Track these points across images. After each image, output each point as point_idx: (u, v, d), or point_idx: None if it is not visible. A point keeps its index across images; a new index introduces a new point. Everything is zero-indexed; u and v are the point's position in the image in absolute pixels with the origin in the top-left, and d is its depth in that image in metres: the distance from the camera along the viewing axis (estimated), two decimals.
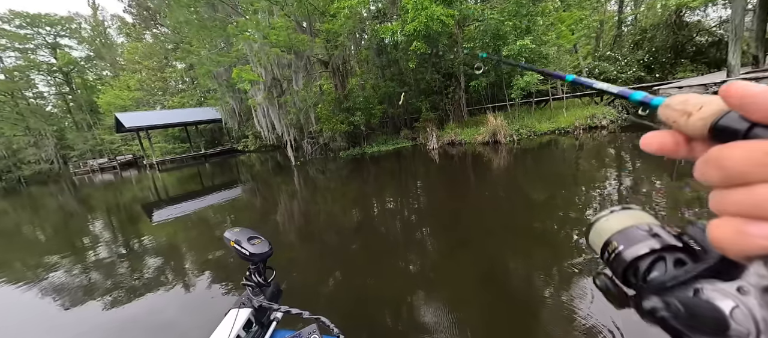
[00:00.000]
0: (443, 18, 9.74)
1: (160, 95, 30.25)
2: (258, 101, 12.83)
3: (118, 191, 15.26)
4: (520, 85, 10.15)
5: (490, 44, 10.54)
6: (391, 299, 2.89)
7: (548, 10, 9.84)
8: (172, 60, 28.90)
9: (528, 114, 12.21)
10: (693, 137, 0.23)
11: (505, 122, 10.59)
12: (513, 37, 9.98)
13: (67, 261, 5.22)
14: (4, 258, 6.28)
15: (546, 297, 2.60)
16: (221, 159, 22.72)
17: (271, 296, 1.28)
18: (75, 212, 11.00)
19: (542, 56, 10.49)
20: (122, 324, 3.07)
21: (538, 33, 9.98)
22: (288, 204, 7.72)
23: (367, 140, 14.30)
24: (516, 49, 9.61)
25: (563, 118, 10.94)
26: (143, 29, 32.32)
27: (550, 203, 4.93)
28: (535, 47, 9.69)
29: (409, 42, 10.97)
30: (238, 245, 1.22)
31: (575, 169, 6.52)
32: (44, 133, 31.44)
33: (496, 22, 9.79)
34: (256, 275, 1.24)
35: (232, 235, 1.27)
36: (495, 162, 8.41)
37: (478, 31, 10.75)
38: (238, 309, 1.19)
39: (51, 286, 4.20)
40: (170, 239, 5.85)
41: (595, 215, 0.35)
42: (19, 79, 32.18)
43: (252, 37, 11.14)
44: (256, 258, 1.22)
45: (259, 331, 1.20)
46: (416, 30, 9.78)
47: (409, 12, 9.80)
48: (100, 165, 29.08)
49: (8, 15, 30.75)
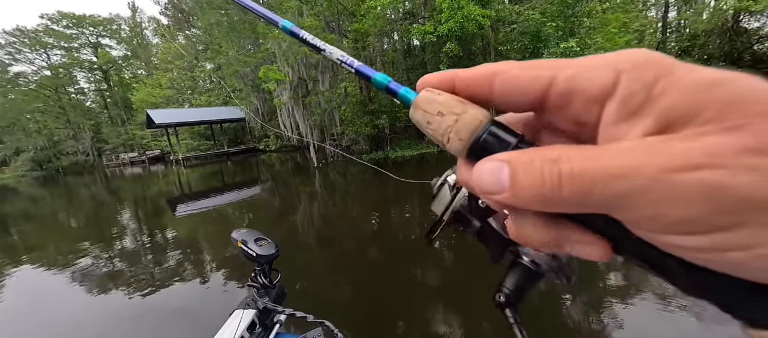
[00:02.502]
0: (479, 18, 9.22)
1: (189, 93, 31.36)
2: (284, 101, 12.75)
3: (145, 184, 15.66)
4: None
5: (529, 47, 9.90)
6: (405, 311, 2.74)
7: (595, 11, 9.09)
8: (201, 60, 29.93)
9: None
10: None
11: None
12: (555, 39, 9.30)
13: (95, 248, 5.49)
14: (40, 241, 6.70)
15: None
16: (243, 158, 23.03)
17: (275, 298, 1.27)
18: (106, 203, 11.40)
19: None
20: (140, 309, 3.25)
21: (582, 35, 9.25)
22: (307, 206, 7.49)
23: (390, 144, 13.89)
24: (558, 53, 8.92)
25: None
26: (177, 30, 33.78)
27: None
28: (579, 51, 8.97)
29: (441, 44, 10.50)
30: (245, 245, 1.23)
31: None
32: (82, 126, 33.37)
33: (536, 23, 9.15)
34: (261, 276, 1.25)
35: (239, 235, 1.28)
36: None
37: (514, 33, 10.13)
38: (243, 310, 1.19)
39: (78, 270, 4.45)
40: (190, 233, 6.01)
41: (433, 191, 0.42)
42: (63, 76, 34.46)
43: (281, 36, 11.07)
44: (262, 259, 1.22)
45: (262, 333, 1.20)
46: (451, 31, 9.31)
47: (443, 12, 9.35)
48: (131, 159, 30.41)
49: (57, 16, 33.05)
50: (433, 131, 0.19)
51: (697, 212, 0.11)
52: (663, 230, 0.12)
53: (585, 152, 0.14)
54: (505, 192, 0.15)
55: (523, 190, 0.15)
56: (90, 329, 3.06)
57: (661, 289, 2.56)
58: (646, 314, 2.36)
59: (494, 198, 0.16)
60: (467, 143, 0.18)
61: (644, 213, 0.12)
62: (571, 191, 0.13)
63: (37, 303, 3.72)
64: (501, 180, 0.15)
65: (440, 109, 0.18)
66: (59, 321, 3.23)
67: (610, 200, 0.13)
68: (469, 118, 0.18)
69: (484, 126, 0.17)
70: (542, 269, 0.37)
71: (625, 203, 0.12)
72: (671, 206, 0.12)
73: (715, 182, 0.11)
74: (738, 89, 0.12)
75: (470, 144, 0.18)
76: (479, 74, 0.18)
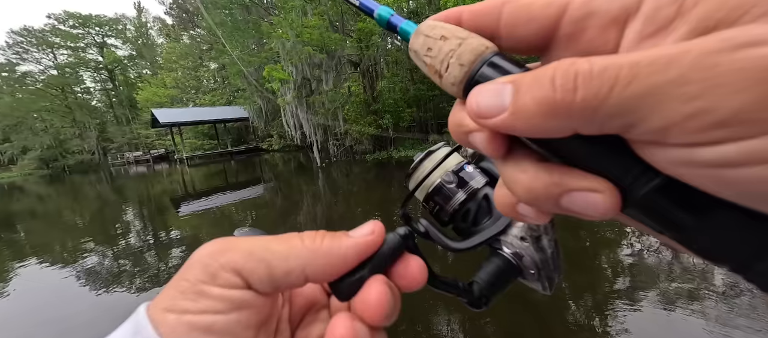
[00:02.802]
0: None
1: (193, 93, 31.54)
2: (287, 101, 12.74)
3: (150, 183, 15.74)
4: None
5: None
6: (407, 312, 2.55)
7: None
8: (206, 60, 30.08)
9: None
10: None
11: None
12: None
13: (100, 246, 5.50)
14: (45, 240, 6.72)
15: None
16: (246, 157, 23.11)
17: None
18: (111, 201, 11.45)
19: None
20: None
21: None
22: (310, 206, 7.47)
23: (393, 144, 13.83)
24: None
25: None
26: (181, 30, 33.99)
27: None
28: None
29: None
30: None
31: None
32: (88, 125, 33.68)
33: None
34: None
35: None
36: None
37: None
38: None
39: (83, 269, 4.50)
40: (194, 232, 6.05)
41: (412, 166, 0.38)
42: (69, 75, 34.80)
43: (285, 35, 11.05)
44: None
45: None
46: None
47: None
48: (136, 158, 30.63)
49: (63, 16, 33.38)
50: (431, 58, 0.17)
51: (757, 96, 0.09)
52: (698, 138, 0.10)
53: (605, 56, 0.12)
54: (504, 112, 0.13)
55: (526, 104, 0.13)
56: (94, 326, 3.05)
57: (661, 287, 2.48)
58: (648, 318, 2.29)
59: (489, 123, 0.14)
60: (468, 69, 0.16)
61: (682, 111, 0.10)
62: (585, 93, 0.11)
63: (40, 299, 3.78)
64: (502, 99, 0.13)
65: (444, 33, 0.17)
66: (64, 318, 3.28)
67: (635, 101, 0.10)
68: (475, 42, 0.16)
69: (490, 52, 0.16)
70: (524, 262, 0.31)
71: (655, 101, 0.10)
72: (720, 92, 0.09)
73: None
74: None
75: (471, 71, 0.16)
76: (488, 3, 0.17)
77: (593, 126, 0.12)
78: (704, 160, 0.10)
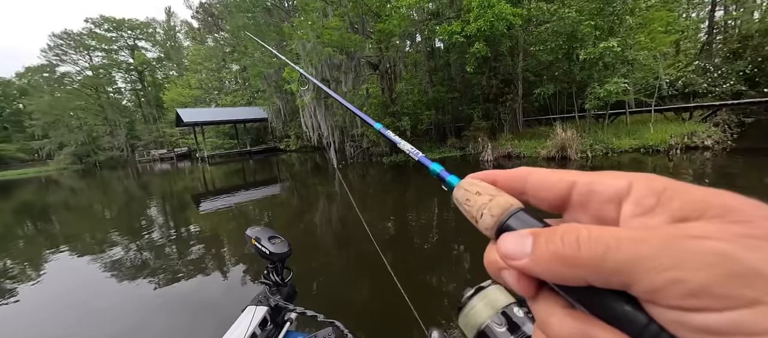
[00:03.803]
0: (510, 18, 8.79)
1: (216, 93, 32.56)
2: (306, 102, 12.81)
3: (173, 179, 16.25)
4: (598, 94, 8.73)
5: (564, 47, 9.33)
6: (419, 318, 2.51)
7: (639, 9, 8.41)
8: (228, 62, 31.01)
9: (600, 128, 10.66)
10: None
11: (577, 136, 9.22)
12: (592, 39, 8.70)
13: (126, 238, 5.84)
14: (76, 230, 7.19)
15: None
16: (264, 157, 23.51)
17: (287, 296, 1.28)
18: (137, 196, 11.94)
19: (627, 62, 9.01)
20: (163, 295, 3.47)
21: (625, 34, 8.59)
22: (326, 207, 7.45)
23: None
24: (597, 53, 8.32)
25: (650, 134, 9.28)
26: (206, 33, 35.25)
27: None
28: (619, 51, 8.33)
29: (468, 44, 10.15)
30: (259, 243, 1.24)
31: None
32: (118, 124, 35.45)
33: (572, 22, 8.60)
34: (273, 274, 1.26)
35: (254, 233, 1.28)
36: None
37: (547, 33, 9.59)
38: (255, 306, 1.20)
39: (110, 258, 4.77)
40: (213, 228, 6.21)
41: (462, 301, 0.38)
42: (102, 76, 36.81)
43: (306, 36, 11.11)
44: (275, 257, 1.22)
45: (273, 330, 1.21)
46: (480, 30, 8.92)
47: (472, 10, 9.00)
48: (161, 155, 31.91)
49: (99, 19, 35.39)
50: (469, 207, 0.22)
51: (713, 277, 0.12)
52: (682, 303, 0.13)
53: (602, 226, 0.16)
54: (526, 257, 0.17)
55: (543, 253, 0.16)
56: (117, 310, 3.24)
57: None
58: None
59: (515, 263, 0.18)
60: (498, 219, 0.20)
61: (661, 278, 0.13)
62: (588, 252, 0.15)
63: (69, 284, 4.06)
64: (523, 246, 0.17)
65: (479, 189, 0.22)
66: (90, 301, 3.52)
67: (625, 265, 0.14)
68: (503, 199, 0.20)
69: (516, 208, 0.20)
70: None
71: (640, 267, 0.13)
72: (686, 268, 0.12)
73: (727, 249, 0.12)
74: (731, 198, 0.14)
75: (501, 221, 0.20)
76: (517, 172, 0.22)
77: (600, 279, 0.15)
78: (694, 325, 0.12)
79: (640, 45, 8.87)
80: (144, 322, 2.97)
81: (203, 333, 2.69)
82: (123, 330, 2.83)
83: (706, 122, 10.49)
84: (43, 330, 3.01)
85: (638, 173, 0.18)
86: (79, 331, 2.91)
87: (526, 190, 0.21)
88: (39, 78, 36.10)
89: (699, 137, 8.43)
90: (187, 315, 3.08)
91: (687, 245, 0.13)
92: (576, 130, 9.48)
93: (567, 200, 0.19)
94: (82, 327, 2.98)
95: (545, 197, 0.20)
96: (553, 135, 9.60)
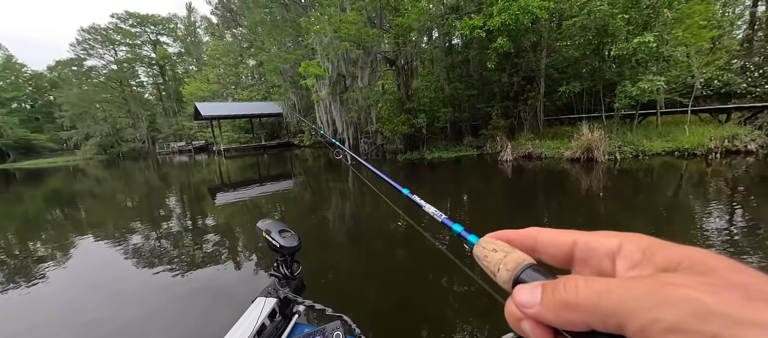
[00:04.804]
0: (537, 11, 8.37)
1: (233, 88, 33.13)
2: (322, 97, 12.74)
3: (191, 172, 16.60)
4: (630, 92, 8.19)
5: (593, 42, 8.82)
6: (429, 317, 2.68)
7: (678, 1, 7.81)
8: (245, 57, 31.46)
9: (628, 129, 10.07)
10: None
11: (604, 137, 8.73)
12: (624, 34, 8.18)
13: (145, 226, 6.09)
14: (100, 218, 7.52)
15: None
16: (278, 151, 23.72)
17: (295, 289, 1.30)
18: (157, 187, 12.23)
19: (663, 59, 8.43)
20: (182, 285, 3.56)
21: (661, 29, 8.02)
22: (340, 203, 7.36)
23: (426, 145, 13.34)
24: (630, 49, 7.80)
25: (685, 137, 8.68)
26: (225, 29, 35.87)
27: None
28: (655, 47, 7.78)
29: (489, 39, 9.76)
30: (269, 235, 1.26)
31: (729, 214, 4.54)
32: (140, 116, 36.66)
33: (603, 16, 8.09)
34: (283, 266, 1.28)
35: (264, 226, 1.31)
36: (593, 187, 6.77)
37: (575, 28, 9.09)
38: (265, 298, 1.22)
39: (130, 245, 4.97)
40: (227, 220, 6.40)
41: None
42: (126, 70, 38.12)
43: (323, 30, 11.01)
44: (285, 250, 1.24)
45: (282, 322, 1.24)
46: (504, 24, 8.54)
47: (496, 3, 8.63)
48: (179, 148, 32.82)
49: (124, 15, 36.59)
50: (487, 263, 0.26)
51: (683, 316, 0.15)
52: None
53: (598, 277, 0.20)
54: (537, 305, 0.21)
55: (550, 300, 0.20)
56: (137, 294, 3.41)
57: None
58: None
59: (528, 311, 0.21)
60: (512, 273, 0.23)
61: (646, 317, 0.16)
62: (585, 298, 0.18)
63: (92, 268, 4.30)
64: (535, 296, 0.21)
65: (495, 246, 0.26)
66: (111, 283, 3.76)
67: (617, 307, 0.17)
68: (516, 256, 0.24)
69: (527, 263, 0.24)
70: None
71: (629, 308, 0.16)
72: (663, 309, 0.16)
73: (692, 294, 0.16)
74: (701, 254, 0.18)
75: (515, 275, 0.23)
76: (528, 231, 0.26)
77: (598, 321, 0.18)
78: None
79: (677, 40, 8.27)
80: (162, 307, 3.12)
81: (217, 319, 2.82)
82: (144, 314, 3.00)
83: (746, 124, 9.74)
84: (71, 309, 3.17)
85: (626, 233, 0.22)
86: (108, 315, 3.03)
87: (536, 247, 0.25)
88: (68, 71, 37.73)
89: (741, 141, 7.79)
90: (202, 301, 3.19)
91: (664, 291, 0.16)
92: (603, 130, 8.97)
93: (571, 255, 0.23)
94: (109, 310, 3.13)
95: (554, 253, 0.24)
96: (578, 135, 9.13)
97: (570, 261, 0.24)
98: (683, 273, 0.17)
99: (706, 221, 4.22)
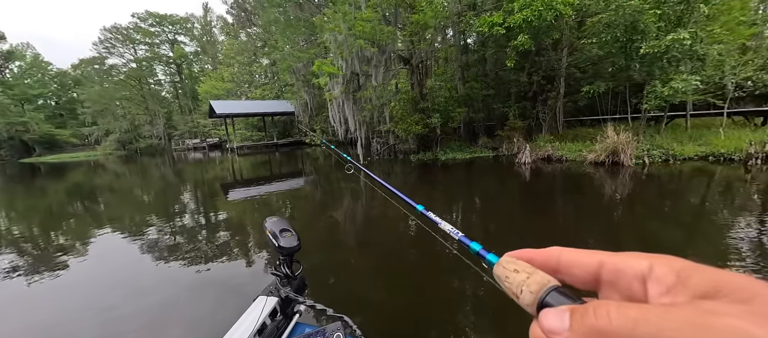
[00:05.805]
0: (560, 7, 7.99)
1: (246, 87, 33.55)
2: (335, 95, 12.63)
3: (205, 168, 16.84)
4: (661, 93, 7.70)
5: (621, 39, 8.37)
6: (432, 319, 2.65)
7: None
8: (259, 56, 31.79)
9: (656, 131, 9.53)
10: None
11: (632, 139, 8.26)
12: (655, 30, 7.71)
13: (161, 221, 6.25)
14: (119, 212, 7.69)
15: None
16: (290, 150, 23.84)
17: (296, 289, 1.28)
18: (173, 183, 12.46)
19: (697, 58, 7.91)
20: (194, 277, 3.70)
21: (695, 25, 7.52)
22: (351, 202, 7.26)
23: (439, 145, 13.06)
24: (662, 46, 7.35)
25: (720, 140, 8.13)
26: (240, 28, 36.37)
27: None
28: (690, 44, 7.30)
29: (508, 37, 9.41)
30: (272, 235, 1.25)
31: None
32: (158, 114, 37.58)
33: (632, 11, 7.65)
34: (284, 266, 1.26)
35: (270, 224, 1.30)
36: (620, 192, 6.37)
37: (600, 25, 8.65)
38: (266, 297, 1.21)
39: (148, 239, 5.11)
40: (239, 216, 6.48)
41: None
42: (145, 68, 39.16)
43: (338, 28, 10.88)
44: (284, 251, 1.23)
45: (282, 321, 1.21)
46: (525, 21, 8.19)
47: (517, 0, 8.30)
48: (194, 145, 33.46)
49: (144, 15, 37.59)
50: (509, 284, 0.24)
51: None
52: None
53: (631, 302, 0.19)
54: (566, 331, 0.19)
55: (580, 327, 0.19)
56: (156, 288, 3.53)
57: None
58: None
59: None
60: (536, 296, 0.22)
61: None
62: (619, 326, 0.17)
63: (112, 263, 4.39)
64: (563, 321, 0.20)
65: (516, 267, 0.24)
66: (132, 278, 3.86)
67: (657, 335, 0.16)
68: (539, 277, 0.23)
69: (552, 285, 0.22)
70: None
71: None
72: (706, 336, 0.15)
73: (737, 325, 0.15)
74: (741, 279, 0.17)
75: (539, 298, 0.22)
76: (550, 251, 0.25)
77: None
78: None
79: (713, 37, 7.74)
80: (176, 297, 3.25)
81: (227, 311, 2.91)
82: (160, 302, 3.17)
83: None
84: (93, 301, 3.29)
85: (656, 255, 0.20)
86: (123, 302, 3.20)
87: (559, 268, 0.23)
88: (90, 69, 39.03)
89: None
90: (212, 293, 3.31)
91: (706, 320, 0.15)
92: (631, 132, 8.50)
93: (598, 277, 0.22)
94: (126, 298, 3.28)
95: (578, 275, 0.23)
96: (601, 137, 8.68)
97: (595, 283, 0.22)
98: (724, 300, 0.16)
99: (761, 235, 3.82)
